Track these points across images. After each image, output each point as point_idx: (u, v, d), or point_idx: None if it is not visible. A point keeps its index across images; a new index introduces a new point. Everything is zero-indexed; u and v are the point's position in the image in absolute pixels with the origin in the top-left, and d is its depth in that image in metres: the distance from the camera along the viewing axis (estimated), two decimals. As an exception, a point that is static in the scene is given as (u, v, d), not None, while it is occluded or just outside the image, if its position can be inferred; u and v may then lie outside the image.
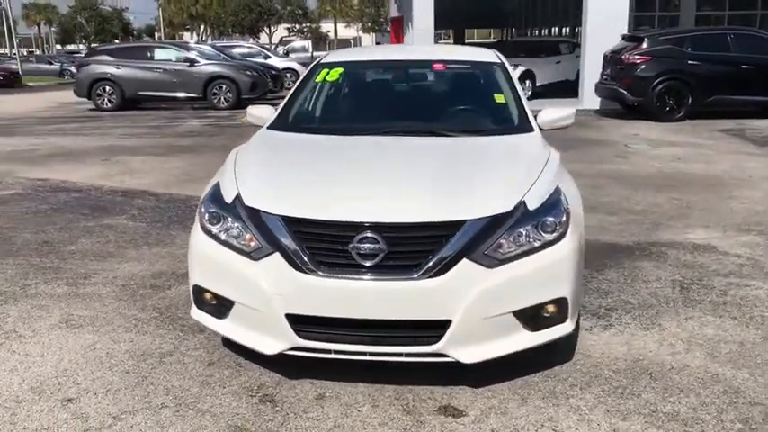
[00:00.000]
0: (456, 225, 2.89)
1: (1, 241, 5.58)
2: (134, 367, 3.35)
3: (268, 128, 4.15)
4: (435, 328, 2.86)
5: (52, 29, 78.29)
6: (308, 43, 32.82)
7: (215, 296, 3.13)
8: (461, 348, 2.89)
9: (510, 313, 2.92)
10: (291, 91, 4.48)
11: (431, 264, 2.82)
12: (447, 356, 2.90)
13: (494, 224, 2.93)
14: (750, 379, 3.21)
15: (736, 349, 3.52)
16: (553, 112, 4.19)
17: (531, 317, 3.01)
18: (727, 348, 3.53)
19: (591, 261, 4.91)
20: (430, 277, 2.82)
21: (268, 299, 2.91)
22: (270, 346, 2.98)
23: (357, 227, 2.87)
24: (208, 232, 3.15)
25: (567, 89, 16.82)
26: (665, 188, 7.32)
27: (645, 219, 6.12)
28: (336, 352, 2.95)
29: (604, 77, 13.96)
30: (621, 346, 3.57)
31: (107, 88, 17.11)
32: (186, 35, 76.15)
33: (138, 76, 16.99)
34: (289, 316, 2.90)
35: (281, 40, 58.99)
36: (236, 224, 3.07)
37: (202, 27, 70.72)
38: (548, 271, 2.99)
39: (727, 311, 4.01)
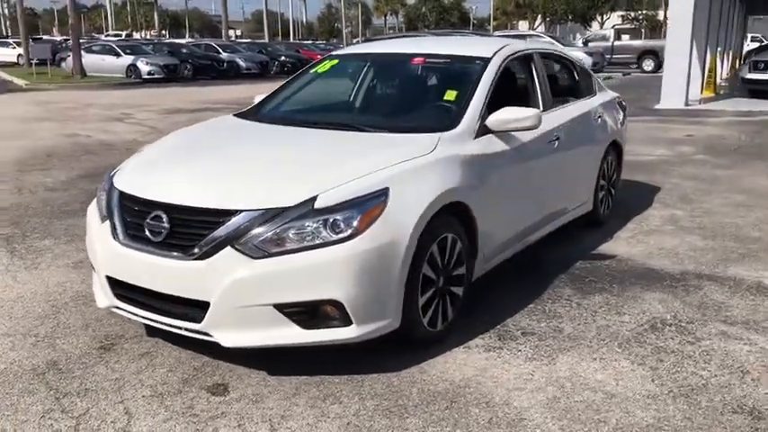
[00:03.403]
0: (230, 213, 3.00)
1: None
2: (63, 304, 4.04)
3: (233, 114, 4.50)
4: (200, 308, 3.02)
5: (399, 18, 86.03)
6: (609, 32, 31.35)
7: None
8: (221, 331, 3.00)
9: (270, 306, 2.94)
10: (287, 80, 4.76)
11: (198, 247, 2.99)
12: (211, 336, 3.05)
13: (269, 216, 2.96)
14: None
15: (595, 401, 2.97)
16: (507, 113, 3.84)
17: (301, 314, 2.97)
18: (582, 398, 3.00)
19: (593, 284, 4.37)
20: (196, 259, 2.99)
21: (95, 259, 3.37)
22: (101, 301, 3.43)
23: (151, 204, 3.16)
24: (98, 199, 3.70)
25: None
26: (830, 216, 5.87)
27: (742, 247, 5.09)
28: (141, 317, 3.28)
29: None
30: (472, 370, 3.25)
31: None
32: (522, 24, 77.43)
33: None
34: (108, 278, 3.31)
35: (614, 27, 56.53)
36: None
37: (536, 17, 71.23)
38: (321, 270, 2.92)
39: (660, 362, 3.33)
